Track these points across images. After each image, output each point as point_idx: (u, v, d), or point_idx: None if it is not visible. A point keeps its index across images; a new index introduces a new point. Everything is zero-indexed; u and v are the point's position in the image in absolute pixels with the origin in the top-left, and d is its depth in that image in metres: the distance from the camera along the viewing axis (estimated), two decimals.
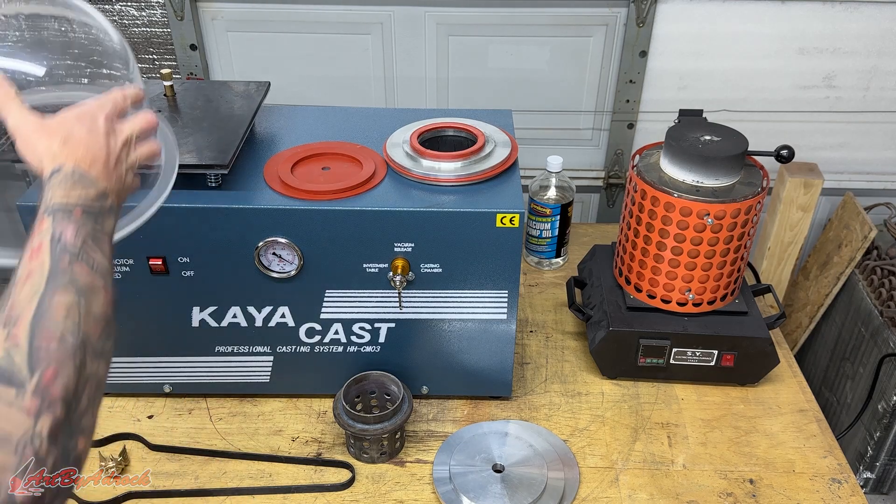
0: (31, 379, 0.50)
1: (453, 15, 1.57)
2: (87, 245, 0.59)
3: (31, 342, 0.52)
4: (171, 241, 1.01)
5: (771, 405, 1.19)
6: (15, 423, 0.49)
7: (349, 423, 1.05)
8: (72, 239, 0.59)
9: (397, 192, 1.03)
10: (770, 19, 1.54)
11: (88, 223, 0.61)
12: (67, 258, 0.57)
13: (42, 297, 0.55)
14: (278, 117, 1.22)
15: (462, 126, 1.14)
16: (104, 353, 0.58)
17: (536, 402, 1.19)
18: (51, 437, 0.50)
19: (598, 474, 1.07)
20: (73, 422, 0.52)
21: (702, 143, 1.11)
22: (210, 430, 1.14)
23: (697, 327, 1.17)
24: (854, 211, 1.67)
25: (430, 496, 1.04)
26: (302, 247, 1.02)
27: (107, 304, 0.59)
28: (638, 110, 1.66)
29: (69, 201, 0.61)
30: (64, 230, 0.59)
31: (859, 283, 1.66)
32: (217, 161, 0.99)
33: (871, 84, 1.62)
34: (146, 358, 1.13)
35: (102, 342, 0.57)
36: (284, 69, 1.64)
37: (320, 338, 1.12)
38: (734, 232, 1.11)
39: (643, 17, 1.54)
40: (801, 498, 1.04)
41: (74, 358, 0.53)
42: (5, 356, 0.51)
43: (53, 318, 0.54)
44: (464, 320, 1.10)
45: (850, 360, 1.69)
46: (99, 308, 0.58)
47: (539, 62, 1.62)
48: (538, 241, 1.47)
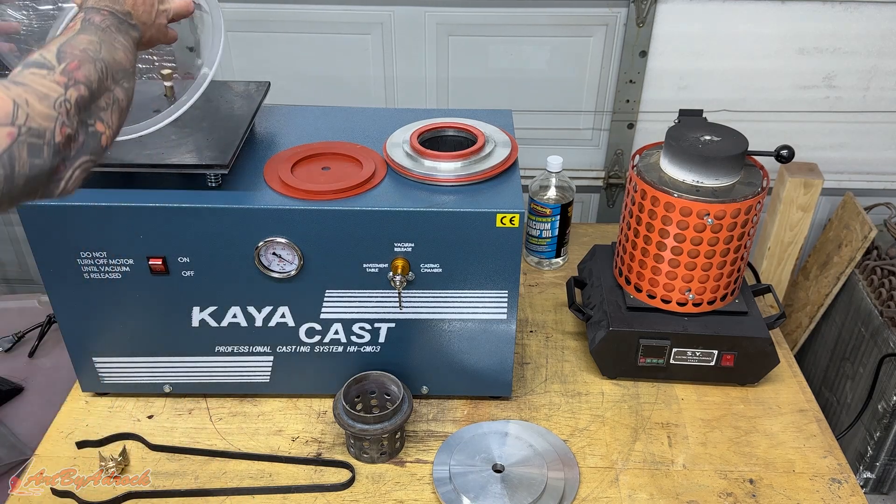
0: (59, 66, 0.67)
1: (453, 15, 1.57)
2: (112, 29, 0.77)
3: (59, 48, 0.69)
4: (171, 241, 1.02)
5: (771, 405, 1.19)
6: (51, 88, 0.65)
7: (349, 423, 1.05)
8: (99, 20, 0.77)
9: (397, 192, 1.03)
10: (770, 19, 1.54)
11: (114, 21, 0.78)
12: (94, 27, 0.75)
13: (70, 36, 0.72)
14: (278, 117, 1.22)
15: (462, 126, 1.14)
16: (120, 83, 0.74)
17: (536, 402, 1.19)
18: (77, 106, 0.66)
19: (598, 474, 1.07)
20: (92, 107, 0.69)
21: (702, 143, 1.11)
22: (210, 430, 1.14)
23: (697, 327, 1.17)
24: (854, 211, 1.67)
25: (430, 496, 1.04)
26: (302, 247, 1.02)
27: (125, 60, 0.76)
28: (638, 110, 1.66)
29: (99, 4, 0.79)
30: (92, 16, 0.77)
31: (859, 283, 1.66)
32: (217, 161, 0.99)
33: (871, 84, 1.62)
34: (146, 358, 1.13)
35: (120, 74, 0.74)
36: (284, 69, 1.64)
37: (320, 338, 1.12)
38: (734, 232, 1.11)
39: (643, 17, 1.54)
40: (801, 498, 1.04)
41: (95, 64, 0.70)
42: (38, 56, 0.68)
43: (79, 40, 0.72)
44: (464, 320, 1.10)
45: (850, 360, 1.69)
46: (118, 56, 0.75)
47: (539, 62, 1.62)
48: (538, 241, 1.47)
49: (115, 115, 0.73)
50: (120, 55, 0.75)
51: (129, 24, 0.81)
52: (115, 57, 0.74)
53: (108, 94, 0.72)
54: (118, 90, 0.73)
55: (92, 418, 1.16)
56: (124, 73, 0.75)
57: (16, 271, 2.03)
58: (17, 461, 1.31)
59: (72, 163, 0.67)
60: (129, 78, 0.76)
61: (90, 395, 1.19)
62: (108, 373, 1.15)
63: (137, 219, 0.99)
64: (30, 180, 0.62)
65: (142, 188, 1.01)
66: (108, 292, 1.06)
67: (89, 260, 1.03)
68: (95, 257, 1.03)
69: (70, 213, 0.99)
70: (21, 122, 0.61)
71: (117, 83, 0.73)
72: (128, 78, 0.76)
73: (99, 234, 1.01)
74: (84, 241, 1.01)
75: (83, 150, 0.68)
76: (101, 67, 0.71)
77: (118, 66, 0.74)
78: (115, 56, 0.74)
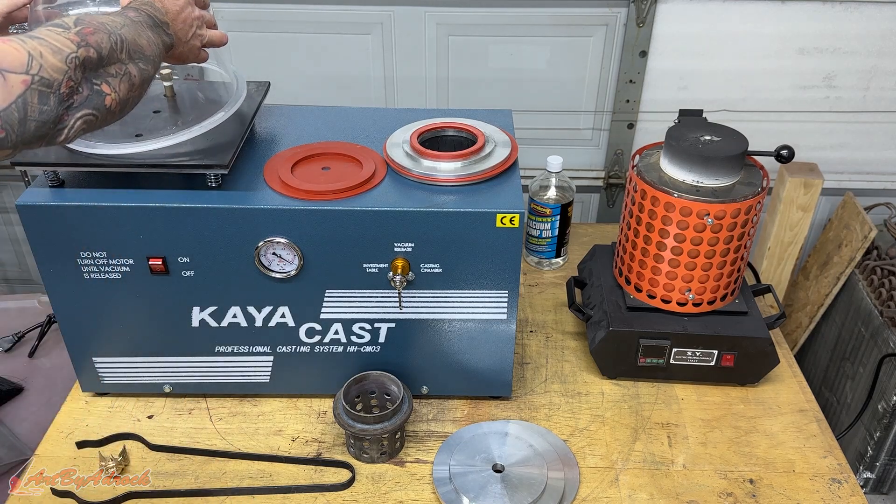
0: (75, 27, 0.72)
1: (453, 15, 1.57)
2: (144, 25, 0.82)
3: (79, 16, 0.75)
4: (171, 241, 1.02)
5: (771, 405, 1.19)
6: (64, 44, 0.70)
7: (349, 423, 1.05)
8: (133, 15, 0.82)
9: (397, 192, 1.03)
10: (770, 19, 1.54)
11: (150, 20, 0.84)
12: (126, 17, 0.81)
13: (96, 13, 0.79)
14: (278, 117, 1.22)
15: (462, 126, 1.14)
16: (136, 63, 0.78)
17: (536, 402, 1.19)
18: (85, 63, 0.71)
19: (598, 474, 1.07)
20: (101, 70, 0.74)
21: (702, 143, 1.11)
22: (210, 430, 1.14)
23: (697, 327, 1.17)
24: (854, 211, 1.67)
25: (430, 496, 1.04)
26: (302, 247, 1.02)
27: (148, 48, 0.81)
28: (638, 110, 1.66)
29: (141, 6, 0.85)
30: (129, 12, 0.83)
31: (859, 283, 1.66)
32: (217, 161, 0.99)
33: (871, 84, 1.62)
34: (146, 358, 1.13)
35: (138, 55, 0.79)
36: (284, 69, 1.64)
37: (320, 338, 1.12)
38: (734, 232, 1.11)
39: (643, 17, 1.54)
40: (801, 498, 1.04)
41: (110, 36, 0.75)
42: (58, 20, 0.73)
43: (102, 17, 0.77)
44: (464, 320, 1.10)
45: (850, 360, 1.69)
46: (141, 42, 0.80)
47: (539, 62, 1.62)
48: (538, 241, 1.47)
49: (124, 85, 0.77)
50: (142, 42, 0.80)
51: (163, 29, 0.87)
52: (136, 40, 0.79)
53: (120, 65, 0.76)
54: (132, 66, 0.78)
55: (92, 418, 1.16)
56: (142, 55, 0.80)
57: (16, 271, 2.03)
58: (17, 461, 1.31)
59: (74, 113, 0.72)
60: (147, 62, 0.80)
61: (90, 395, 1.19)
62: (108, 373, 1.15)
63: (137, 219, 0.99)
64: (39, 125, 0.68)
65: (142, 188, 1.01)
66: (108, 292, 1.06)
67: (89, 260, 1.03)
68: (95, 257, 1.03)
69: (70, 213, 0.99)
70: (35, 71, 0.67)
71: (132, 60, 0.78)
72: (145, 61, 0.80)
73: (99, 234, 1.01)
74: (84, 241, 1.01)
75: (86, 104, 0.73)
76: (115, 40, 0.75)
77: (136, 47, 0.79)
78: (138, 40, 0.79)
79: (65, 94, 0.70)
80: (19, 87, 0.66)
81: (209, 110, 1.09)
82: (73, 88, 0.71)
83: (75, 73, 0.70)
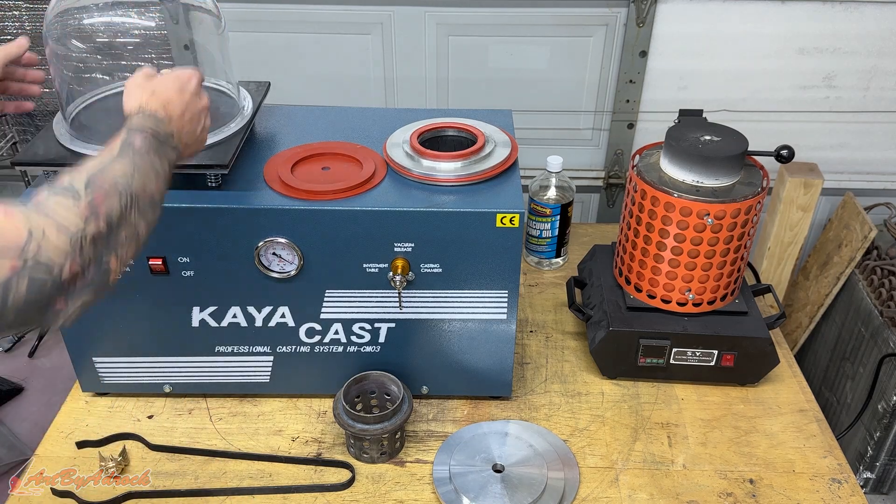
0: (85, 196, 0.67)
1: (453, 15, 1.57)
2: (151, 153, 0.77)
3: (89, 177, 0.70)
4: (171, 241, 1.02)
5: (771, 405, 1.19)
6: (72, 222, 0.65)
7: (349, 423, 1.05)
8: (139, 144, 0.76)
9: (397, 192, 1.03)
10: (770, 19, 1.54)
11: (155, 143, 0.78)
12: (132, 152, 0.75)
13: (106, 162, 0.72)
14: (278, 117, 1.22)
15: (462, 126, 1.14)
16: (146, 216, 0.74)
17: (536, 402, 1.19)
18: (93, 241, 0.66)
19: (598, 474, 1.07)
20: (110, 242, 0.69)
21: (702, 143, 1.11)
22: (210, 430, 1.14)
23: (697, 327, 1.17)
24: (854, 211, 1.67)
25: (430, 496, 1.04)
26: (302, 247, 1.02)
27: (157, 190, 0.76)
28: (638, 110, 1.66)
29: (144, 125, 0.79)
30: (134, 139, 0.76)
31: (859, 283, 1.66)
32: (217, 161, 0.99)
33: (871, 84, 1.62)
34: (146, 358, 1.13)
35: (147, 207, 0.74)
36: (284, 69, 1.64)
37: (320, 338, 1.12)
38: (734, 232, 1.11)
39: (643, 17, 1.54)
40: (801, 498, 1.04)
41: (121, 198, 0.70)
42: (69, 182, 0.69)
43: (111, 172, 0.72)
44: (464, 320, 1.10)
45: (850, 360, 1.69)
46: (150, 186, 0.75)
47: (539, 62, 1.62)
48: (538, 241, 1.47)
49: (131, 249, 0.72)
50: (152, 186, 0.75)
51: (170, 146, 0.80)
52: (146, 188, 0.74)
53: (130, 227, 0.71)
54: (141, 224, 0.73)
55: (92, 418, 1.16)
56: (152, 204, 0.75)
57: None
58: (17, 461, 1.31)
59: (73, 298, 0.65)
60: (156, 209, 0.77)
61: (90, 395, 1.19)
62: (108, 373, 1.15)
63: None
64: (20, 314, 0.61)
65: None
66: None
67: None
68: None
69: None
70: (30, 254, 0.60)
71: (142, 215, 0.73)
72: (154, 209, 0.76)
73: None
74: None
75: (87, 288, 0.66)
76: (125, 202, 0.70)
77: (147, 197, 0.74)
78: (147, 187, 0.74)
79: (66, 280, 0.63)
80: (4, 272, 0.59)
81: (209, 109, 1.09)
82: (78, 274, 0.64)
83: (82, 255, 0.64)
